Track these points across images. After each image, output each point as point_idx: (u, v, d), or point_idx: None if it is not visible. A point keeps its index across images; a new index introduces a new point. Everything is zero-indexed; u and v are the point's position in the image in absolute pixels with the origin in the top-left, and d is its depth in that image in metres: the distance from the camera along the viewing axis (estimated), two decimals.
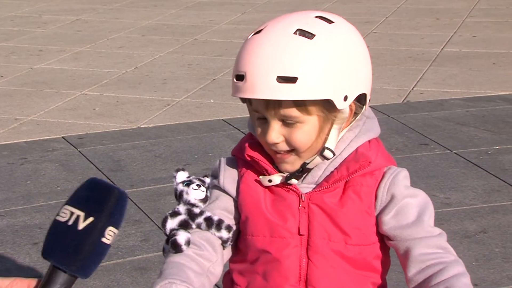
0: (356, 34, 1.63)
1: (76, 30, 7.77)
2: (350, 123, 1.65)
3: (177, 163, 4.42)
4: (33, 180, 4.34)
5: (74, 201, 1.21)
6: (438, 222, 4.05)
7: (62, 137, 4.97)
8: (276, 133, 1.58)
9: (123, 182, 4.27)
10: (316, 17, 1.59)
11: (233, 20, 7.94)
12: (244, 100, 1.64)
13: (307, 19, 1.58)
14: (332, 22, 1.59)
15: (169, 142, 4.85)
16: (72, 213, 1.19)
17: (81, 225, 1.17)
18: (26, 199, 4.12)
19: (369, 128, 1.66)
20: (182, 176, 1.72)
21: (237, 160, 1.70)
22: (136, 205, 3.97)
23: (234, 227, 1.68)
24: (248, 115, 1.69)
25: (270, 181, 1.64)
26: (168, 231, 1.66)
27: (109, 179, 4.31)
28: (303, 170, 1.63)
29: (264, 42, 1.56)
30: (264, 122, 1.60)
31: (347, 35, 1.60)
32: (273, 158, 1.65)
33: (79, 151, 4.73)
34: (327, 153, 1.61)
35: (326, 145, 1.60)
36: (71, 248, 1.16)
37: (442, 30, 7.38)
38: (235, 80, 1.57)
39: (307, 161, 1.62)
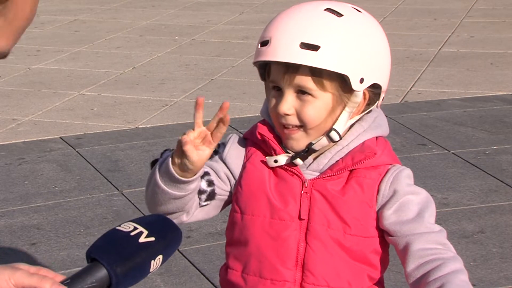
0: (381, 30, 1.70)
1: (74, 31, 7.76)
2: (361, 112, 1.67)
3: None
4: (30, 180, 4.34)
5: (140, 220, 1.26)
6: (436, 222, 4.05)
7: (60, 137, 4.97)
8: (288, 104, 1.62)
9: (121, 182, 4.27)
10: (343, 4, 1.68)
11: (231, 20, 7.94)
12: (263, 77, 1.68)
13: (339, 3, 1.67)
14: (361, 12, 1.68)
15: (167, 142, 4.85)
16: (135, 228, 1.23)
17: (142, 239, 1.21)
18: (24, 199, 4.12)
19: (378, 125, 1.69)
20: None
21: (247, 142, 1.73)
22: (134, 205, 3.97)
23: (215, 187, 1.70)
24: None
25: (275, 161, 1.66)
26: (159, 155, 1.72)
27: (107, 179, 4.31)
28: (309, 151, 1.65)
29: (293, 13, 1.64)
30: (279, 94, 1.64)
31: (373, 26, 1.68)
32: (281, 135, 1.68)
33: (77, 151, 4.72)
34: (333, 134, 1.64)
35: (334, 126, 1.63)
36: (125, 253, 1.19)
37: (439, 30, 7.39)
38: (259, 46, 1.63)
39: (313, 142, 1.64)
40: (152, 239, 1.21)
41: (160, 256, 1.22)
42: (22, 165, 4.56)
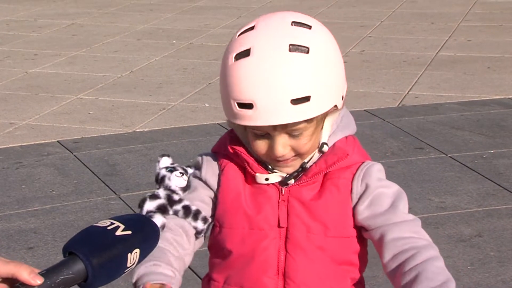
0: (327, 32, 1.66)
1: (71, 34, 7.77)
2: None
3: None
4: (28, 184, 4.34)
5: (117, 217, 1.25)
6: (433, 226, 4.06)
7: (57, 141, 4.97)
8: (283, 146, 1.60)
9: (118, 186, 4.27)
10: (293, 24, 1.59)
11: (229, 24, 7.94)
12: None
13: (289, 30, 1.57)
14: (310, 26, 1.60)
15: (164, 146, 4.85)
16: (112, 223, 1.22)
17: (119, 232, 1.21)
18: (21, 203, 4.11)
19: (345, 125, 1.70)
20: (166, 161, 1.74)
21: (217, 155, 1.72)
22: (132, 209, 3.97)
23: (210, 220, 1.71)
24: None
25: (267, 179, 1.66)
26: (144, 212, 1.68)
27: (105, 183, 4.31)
28: (303, 169, 1.65)
29: (262, 67, 1.54)
30: (266, 138, 1.61)
31: (326, 37, 1.63)
32: (270, 162, 1.66)
33: (74, 155, 4.72)
34: (324, 148, 1.66)
35: (323, 140, 1.65)
36: (101, 245, 1.19)
37: (437, 34, 7.40)
38: (237, 108, 1.56)
39: (306, 161, 1.65)
40: (129, 232, 1.21)
41: (137, 250, 1.21)
42: (19, 169, 4.56)
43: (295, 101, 1.54)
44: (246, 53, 1.56)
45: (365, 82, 6.02)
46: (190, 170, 1.73)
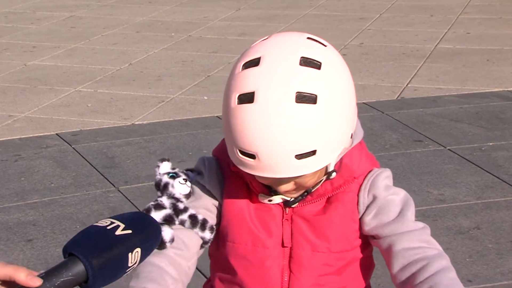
0: (339, 67, 1.52)
1: (70, 27, 7.75)
2: None
3: (171, 160, 4.42)
4: (27, 177, 4.34)
5: (118, 216, 1.24)
6: (432, 219, 4.06)
7: (56, 133, 4.96)
8: (287, 185, 1.55)
9: (117, 178, 4.27)
10: (302, 62, 1.46)
11: (228, 16, 7.93)
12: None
13: (296, 72, 1.45)
14: (320, 64, 1.47)
15: (163, 138, 4.85)
16: (112, 222, 1.21)
17: (119, 232, 1.19)
18: (20, 196, 4.11)
19: (354, 136, 1.60)
20: (166, 167, 1.68)
21: (220, 162, 1.65)
22: (130, 201, 3.97)
23: (215, 228, 1.65)
24: None
25: (270, 200, 1.61)
26: None
27: (103, 176, 4.31)
28: (308, 193, 1.60)
29: (266, 118, 1.44)
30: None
31: (336, 76, 1.51)
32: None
33: (73, 147, 4.72)
34: (333, 175, 1.59)
35: (331, 168, 1.58)
36: (102, 245, 1.18)
37: (436, 26, 7.39)
38: (240, 154, 1.48)
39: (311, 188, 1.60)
40: (129, 231, 1.19)
41: (138, 249, 1.19)
42: (18, 161, 4.56)
43: (300, 156, 1.45)
44: (250, 97, 1.46)
45: (364, 75, 6.01)
46: (190, 175, 1.67)
